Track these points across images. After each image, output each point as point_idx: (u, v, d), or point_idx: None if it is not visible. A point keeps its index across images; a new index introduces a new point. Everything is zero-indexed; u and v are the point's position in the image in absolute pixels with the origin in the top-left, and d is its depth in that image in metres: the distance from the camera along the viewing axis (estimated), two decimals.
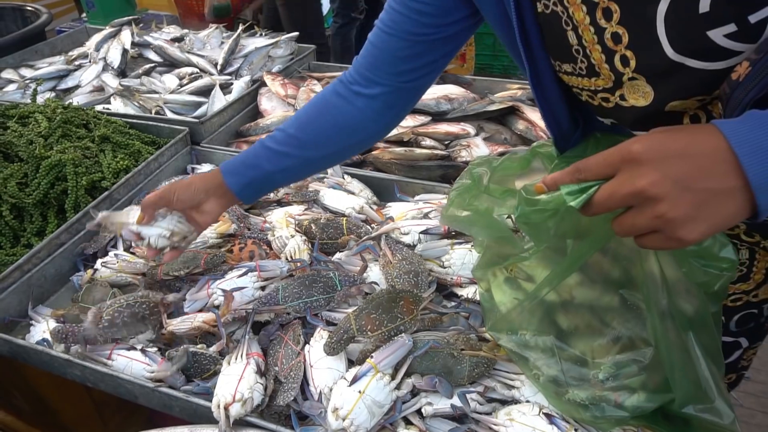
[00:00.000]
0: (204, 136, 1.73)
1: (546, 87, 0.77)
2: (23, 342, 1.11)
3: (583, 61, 0.68)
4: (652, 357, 0.79)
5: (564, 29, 0.67)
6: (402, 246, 1.22)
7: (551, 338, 0.84)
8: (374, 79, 0.91)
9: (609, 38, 0.63)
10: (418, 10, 0.82)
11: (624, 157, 0.52)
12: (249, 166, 1.02)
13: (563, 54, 0.70)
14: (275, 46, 2.14)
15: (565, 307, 0.87)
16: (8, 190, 1.37)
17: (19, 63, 2.35)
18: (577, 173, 0.57)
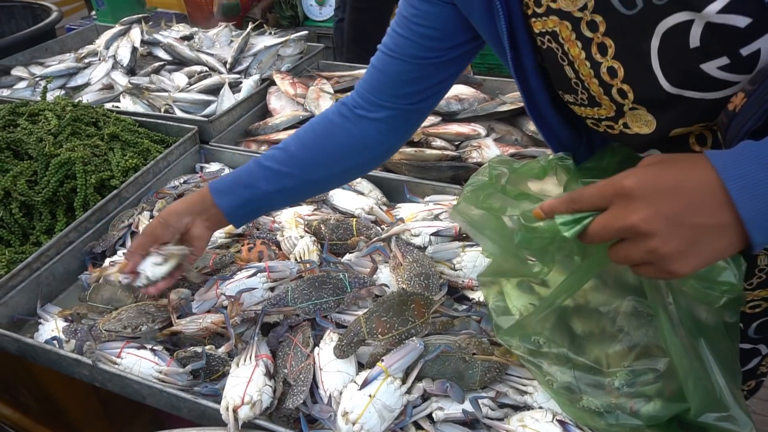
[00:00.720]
0: (213, 134, 1.73)
1: (543, 110, 0.78)
2: (31, 341, 1.10)
3: (583, 92, 0.69)
4: (667, 365, 0.77)
5: (560, 64, 0.68)
6: (412, 248, 1.20)
7: (565, 344, 0.82)
8: (379, 103, 0.90)
9: (605, 72, 0.64)
10: (423, 34, 0.82)
11: (617, 192, 0.54)
12: (243, 185, 0.95)
13: (564, 86, 0.71)
14: (284, 45, 2.13)
15: (579, 312, 0.85)
16: (18, 187, 1.37)
17: (29, 61, 2.35)
18: (571, 203, 0.58)
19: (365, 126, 0.92)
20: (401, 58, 0.84)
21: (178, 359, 1.04)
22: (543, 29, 0.67)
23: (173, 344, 1.12)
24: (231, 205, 0.96)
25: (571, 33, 0.64)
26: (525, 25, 0.71)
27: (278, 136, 1.76)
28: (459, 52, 0.85)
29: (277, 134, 1.76)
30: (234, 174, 0.99)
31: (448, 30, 0.82)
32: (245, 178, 0.96)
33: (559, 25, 0.65)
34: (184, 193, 1.50)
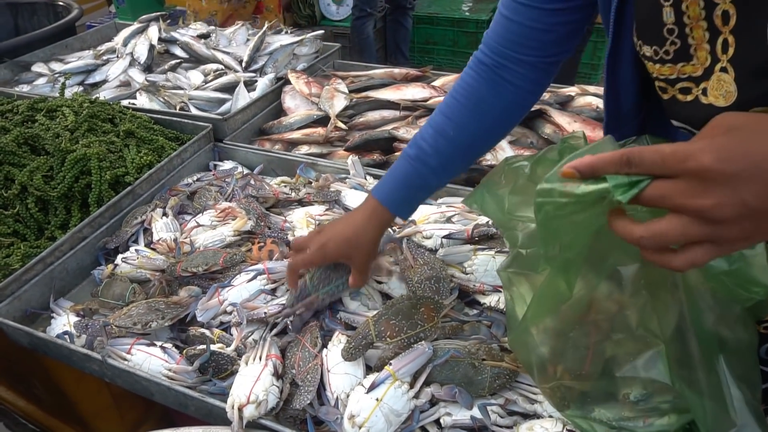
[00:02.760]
0: (227, 133, 1.73)
1: (621, 63, 0.72)
2: (43, 335, 1.11)
3: (675, 42, 0.61)
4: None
5: (660, 5, 0.60)
6: (423, 250, 1.19)
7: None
8: (517, 57, 0.86)
9: (719, 15, 0.56)
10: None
11: (689, 167, 0.46)
12: (417, 188, 0.98)
13: (650, 34, 0.64)
14: (300, 44, 2.14)
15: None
16: (34, 182, 1.38)
17: (50, 57, 2.38)
18: (626, 166, 0.49)
19: (512, 80, 0.89)
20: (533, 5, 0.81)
21: (187, 357, 1.04)
22: None
23: (183, 341, 1.13)
24: (410, 211, 1.02)
25: None
26: None
27: (292, 135, 1.75)
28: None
29: (290, 133, 1.76)
30: (400, 178, 0.97)
31: None
32: (416, 180, 0.96)
33: None
34: (197, 191, 1.51)
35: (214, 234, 1.28)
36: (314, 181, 1.49)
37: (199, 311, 1.13)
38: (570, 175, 0.53)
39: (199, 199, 1.46)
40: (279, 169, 1.64)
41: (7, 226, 1.35)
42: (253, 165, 1.65)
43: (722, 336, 0.71)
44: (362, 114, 1.77)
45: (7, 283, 1.19)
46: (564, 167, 0.54)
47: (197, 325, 1.12)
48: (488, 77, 0.89)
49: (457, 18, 3.96)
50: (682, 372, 0.69)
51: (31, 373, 1.53)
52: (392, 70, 2.00)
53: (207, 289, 1.18)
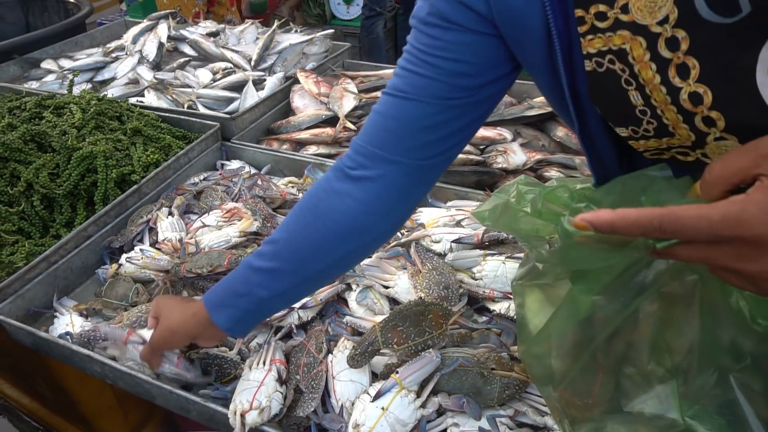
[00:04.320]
0: (235, 132, 1.71)
1: (595, 138, 0.66)
2: (46, 335, 1.10)
3: (651, 122, 0.56)
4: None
5: (623, 89, 0.56)
6: (432, 255, 1.17)
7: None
8: (387, 157, 0.71)
9: (686, 99, 0.52)
10: (451, 71, 0.67)
11: (742, 235, 0.43)
12: (239, 294, 0.83)
13: (621, 117, 0.59)
14: (310, 43, 2.11)
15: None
16: (40, 180, 1.37)
17: (59, 54, 2.38)
18: (658, 232, 0.45)
19: (364, 194, 0.73)
20: (420, 99, 0.68)
21: (190, 360, 1.03)
22: (604, 47, 0.55)
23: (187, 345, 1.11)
24: (231, 319, 0.85)
25: (646, 52, 0.53)
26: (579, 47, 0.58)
27: (300, 135, 1.73)
28: (492, 90, 0.70)
29: (299, 133, 1.74)
30: (226, 284, 0.86)
31: (481, 64, 0.67)
32: (239, 287, 0.83)
33: (630, 42, 0.54)
34: (204, 191, 1.49)
35: (219, 235, 1.26)
36: None
37: None
38: (583, 228, 0.47)
39: (206, 199, 1.44)
40: (287, 169, 1.62)
41: (12, 224, 1.34)
42: (260, 165, 1.64)
43: (743, 349, 0.68)
44: None
45: (11, 282, 1.18)
46: (578, 218, 0.48)
47: None
48: (336, 179, 0.75)
49: None
50: (694, 405, 0.66)
51: (35, 371, 1.52)
52: None
53: None
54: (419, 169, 0.73)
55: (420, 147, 0.71)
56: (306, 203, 0.79)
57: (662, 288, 0.66)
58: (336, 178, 0.75)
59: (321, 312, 1.11)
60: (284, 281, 0.81)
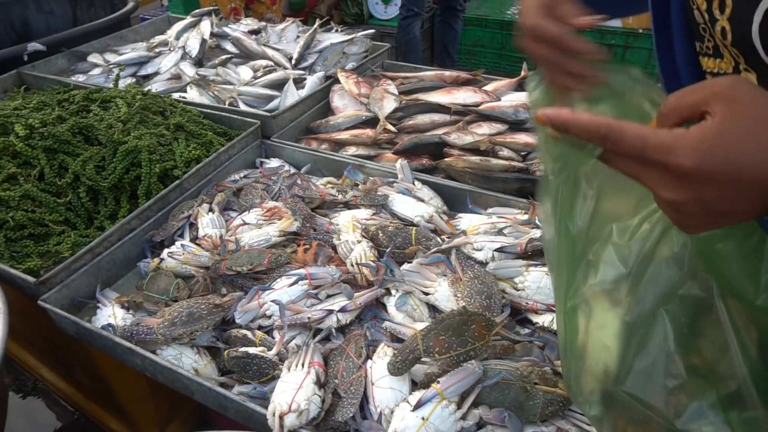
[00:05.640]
0: (275, 130, 1.72)
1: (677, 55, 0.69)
2: (89, 326, 1.12)
3: (710, 40, 0.62)
4: None
5: (691, 8, 0.62)
6: (473, 263, 1.15)
7: None
8: None
9: (719, 31, 0.57)
10: None
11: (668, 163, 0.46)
12: None
13: (695, 31, 0.64)
14: (350, 43, 2.11)
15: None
16: (86, 172, 1.40)
17: (105, 48, 2.43)
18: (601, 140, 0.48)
19: None
20: None
21: (229, 357, 1.03)
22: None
23: (225, 341, 1.12)
24: None
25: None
26: None
27: (339, 135, 1.73)
28: None
29: (338, 133, 1.74)
30: None
31: None
32: None
33: None
34: (243, 188, 1.50)
35: (259, 233, 1.26)
36: (361, 184, 1.47)
37: (238, 313, 1.11)
38: (542, 123, 0.50)
39: (245, 197, 1.45)
40: (325, 169, 1.61)
41: (59, 214, 1.37)
42: (299, 164, 1.64)
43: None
44: (412, 116, 1.74)
45: (57, 271, 1.20)
46: (539, 113, 0.50)
47: (239, 326, 1.11)
48: None
49: (507, 21, 3.87)
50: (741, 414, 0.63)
51: (74, 357, 1.56)
52: (443, 73, 1.95)
53: (249, 289, 1.17)
54: None
55: None
56: None
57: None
58: None
59: (359, 316, 1.11)
60: None
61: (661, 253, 0.65)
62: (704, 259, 0.63)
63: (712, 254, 0.62)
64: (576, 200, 0.66)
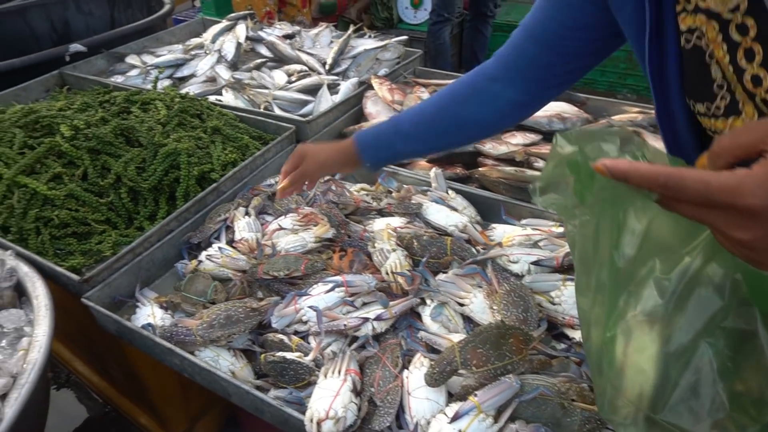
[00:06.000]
0: (309, 135, 1.74)
1: (677, 117, 0.70)
2: (131, 325, 1.15)
3: (725, 97, 0.62)
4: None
5: (706, 64, 0.62)
6: (509, 275, 1.15)
7: None
8: (512, 78, 0.93)
9: (749, 80, 0.58)
10: (563, 24, 0.83)
11: (736, 205, 0.46)
12: (384, 144, 1.09)
13: (701, 92, 0.64)
14: (384, 49, 2.13)
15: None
16: (128, 173, 1.43)
17: (142, 49, 2.49)
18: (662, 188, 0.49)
19: (497, 99, 0.96)
20: (538, 42, 0.87)
21: (266, 361, 1.05)
22: (693, 25, 0.63)
23: (261, 345, 1.13)
24: (372, 158, 1.11)
25: (718, 35, 0.59)
26: (675, 22, 0.66)
27: None
28: (595, 46, 0.85)
29: None
30: (376, 130, 1.11)
31: (589, 23, 0.81)
32: (384, 138, 1.08)
33: (705, 25, 0.61)
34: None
35: (296, 239, 1.28)
36: (395, 192, 1.47)
37: (275, 318, 1.13)
38: (601, 172, 0.52)
39: (281, 201, 1.47)
40: (359, 175, 1.63)
41: (101, 213, 1.41)
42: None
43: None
44: None
45: (99, 270, 1.23)
46: (599, 162, 0.52)
47: (275, 330, 1.13)
48: (481, 82, 0.97)
49: None
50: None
51: (109, 353, 1.59)
52: None
53: (285, 294, 1.18)
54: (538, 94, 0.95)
55: (537, 78, 0.92)
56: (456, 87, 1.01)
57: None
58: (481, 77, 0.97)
59: (394, 324, 1.11)
60: (421, 144, 1.07)
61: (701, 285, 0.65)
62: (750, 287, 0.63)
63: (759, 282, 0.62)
64: (623, 234, 0.67)
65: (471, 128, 1.02)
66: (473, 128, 1.02)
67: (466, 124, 1.00)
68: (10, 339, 1.12)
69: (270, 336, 1.11)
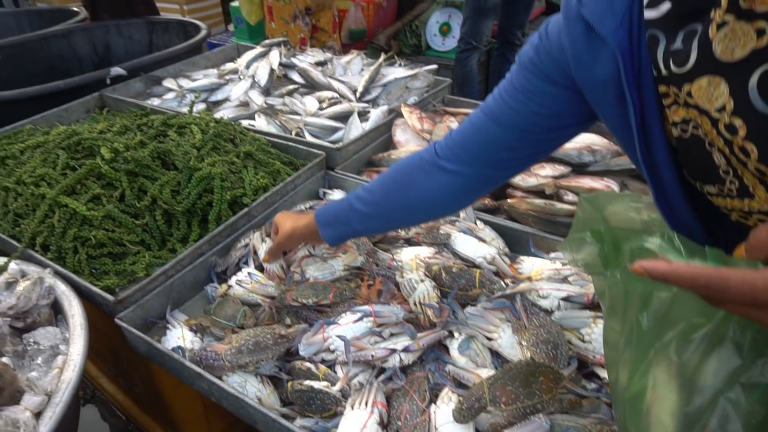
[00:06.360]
0: (339, 162, 1.76)
1: (675, 203, 0.70)
2: (161, 347, 1.16)
3: (734, 182, 0.60)
4: None
5: (707, 151, 0.60)
6: (538, 310, 1.14)
7: None
8: (466, 160, 0.90)
9: (754, 170, 0.56)
10: (532, 110, 0.80)
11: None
12: (341, 222, 1.11)
13: (707, 176, 0.63)
14: (413, 78, 2.16)
15: None
16: (163, 196, 1.47)
17: (178, 73, 2.57)
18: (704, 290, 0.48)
19: (444, 181, 0.93)
20: (502, 126, 0.83)
21: (293, 389, 1.05)
22: (686, 117, 0.62)
23: (288, 372, 1.14)
24: (332, 237, 1.14)
25: (712, 129, 0.58)
26: (660, 116, 0.65)
27: None
28: (562, 132, 0.84)
29: None
30: (335, 208, 1.14)
31: (560, 111, 0.79)
32: (343, 216, 1.10)
33: (699, 118, 0.59)
34: None
35: (325, 266, 1.29)
36: None
37: (303, 345, 1.14)
38: (639, 273, 0.52)
39: None
40: None
41: (136, 235, 1.44)
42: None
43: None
44: None
45: (133, 292, 1.26)
46: (636, 264, 0.52)
47: (302, 358, 1.13)
48: (430, 162, 0.94)
49: None
50: None
51: (136, 371, 1.62)
52: None
53: (313, 322, 1.19)
54: (487, 176, 0.92)
55: (494, 161, 0.88)
56: (403, 170, 0.99)
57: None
58: (429, 160, 0.94)
59: (421, 356, 1.11)
60: (374, 223, 1.09)
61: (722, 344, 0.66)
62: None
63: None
64: (651, 302, 0.68)
65: (418, 213, 1.02)
66: (420, 213, 1.02)
67: (413, 208, 0.99)
68: (45, 357, 1.15)
69: (297, 364, 1.12)
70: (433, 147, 0.95)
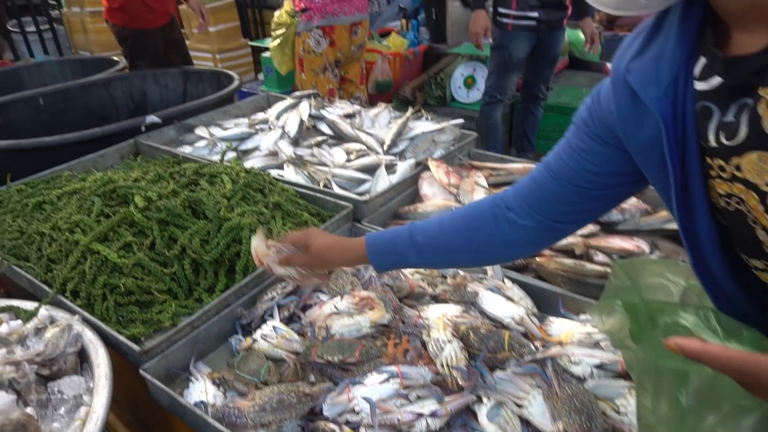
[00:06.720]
0: (366, 213, 1.77)
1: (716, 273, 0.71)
2: (184, 402, 1.15)
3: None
4: None
5: (751, 227, 0.62)
6: (570, 377, 1.10)
7: None
8: (530, 212, 0.92)
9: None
10: (586, 168, 0.84)
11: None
12: (396, 252, 1.07)
13: (752, 251, 0.64)
14: (440, 131, 2.19)
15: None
16: (193, 245, 1.49)
17: (210, 121, 2.65)
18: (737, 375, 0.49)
19: (512, 229, 0.95)
20: (560, 181, 0.87)
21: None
22: (730, 191, 0.63)
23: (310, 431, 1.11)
24: (382, 265, 1.11)
25: (759, 204, 0.59)
26: (704, 186, 0.66)
27: None
28: (617, 190, 0.87)
29: None
30: (391, 237, 1.09)
31: (613, 170, 0.82)
32: (399, 245, 1.06)
33: (745, 194, 0.60)
34: (334, 272, 1.53)
35: (351, 322, 1.28)
36: (450, 278, 1.47)
37: (327, 405, 1.11)
38: (673, 350, 0.53)
39: (336, 280, 1.48)
40: None
41: (164, 283, 1.45)
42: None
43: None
44: None
45: (159, 342, 1.26)
46: (671, 340, 0.54)
47: (326, 418, 1.11)
48: (496, 212, 0.96)
49: None
50: None
51: (154, 422, 1.59)
52: (529, 166, 1.97)
53: (338, 380, 1.17)
54: (551, 228, 0.93)
55: (556, 213, 0.91)
56: (473, 215, 1.01)
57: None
58: (497, 211, 0.96)
59: (448, 422, 1.08)
60: (433, 258, 1.08)
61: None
62: None
63: None
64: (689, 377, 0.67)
65: (483, 254, 1.03)
66: (485, 255, 1.03)
67: (478, 249, 1.00)
68: (68, 407, 1.14)
69: (321, 424, 1.09)
70: (501, 200, 0.98)
